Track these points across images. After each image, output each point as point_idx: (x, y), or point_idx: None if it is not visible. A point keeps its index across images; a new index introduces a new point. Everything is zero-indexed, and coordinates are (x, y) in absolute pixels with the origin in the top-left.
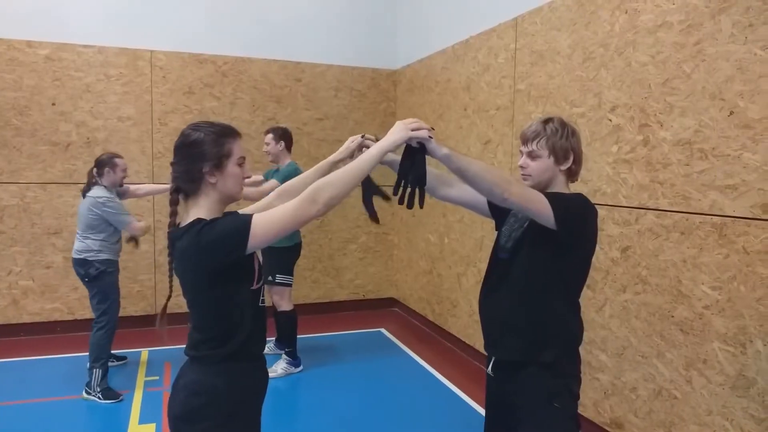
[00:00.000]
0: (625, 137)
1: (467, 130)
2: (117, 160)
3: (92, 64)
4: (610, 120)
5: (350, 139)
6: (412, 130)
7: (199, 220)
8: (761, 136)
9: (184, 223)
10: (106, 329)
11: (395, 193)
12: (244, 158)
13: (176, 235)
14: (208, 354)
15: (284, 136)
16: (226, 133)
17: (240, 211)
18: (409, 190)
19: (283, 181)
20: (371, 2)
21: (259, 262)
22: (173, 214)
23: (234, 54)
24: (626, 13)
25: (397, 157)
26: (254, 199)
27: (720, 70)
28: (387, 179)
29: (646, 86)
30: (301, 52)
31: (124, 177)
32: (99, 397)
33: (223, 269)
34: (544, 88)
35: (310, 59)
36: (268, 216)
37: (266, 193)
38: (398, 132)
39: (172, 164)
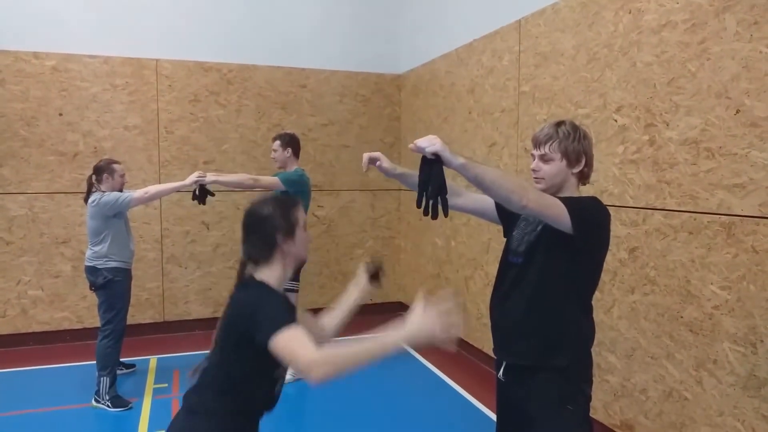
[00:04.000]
0: (631, 137)
1: (472, 133)
2: (115, 165)
3: (98, 74)
4: (616, 120)
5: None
6: (441, 331)
7: (260, 283)
8: None
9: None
10: (111, 338)
11: (419, 206)
12: (306, 221)
13: (239, 285)
14: (207, 403)
15: (291, 142)
16: (291, 203)
17: None
18: (431, 201)
19: (285, 182)
20: (375, 7)
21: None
22: (240, 276)
23: (239, 61)
24: (630, 13)
25: (406, 170)
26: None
27: (725, 68)
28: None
29: (651, 86)
30: (306, 58)
31: (123, 183)
32: (108, 405)
33: (250, 342)
34: (549, 90)
35: (314, 65)
36: (284, 340)
37: (268, 186)
38: (425, 332)
39: (244, 241)
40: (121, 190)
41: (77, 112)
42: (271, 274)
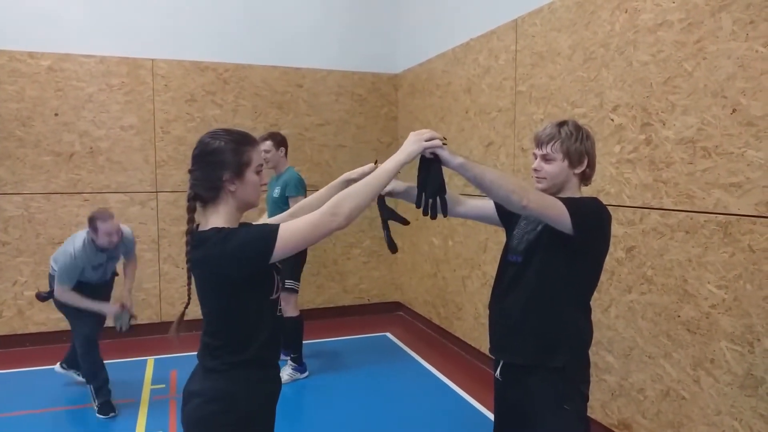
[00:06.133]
0: (628, 137)
1: (469, 133)
2: (100, 224)
3: (94, 74)
4: (612, 120)
5: (368, 165)
6: (426, 141)
7: (219, 229)
8: (764, 134)
9: (203, 228)
10: (83, 345)
11: (418, 206)
12: (262, 165)
13: (195, 242)
14: (224, 361)
15: (283, 142)
16: (245, 141)
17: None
18: (430, 201)
19: (284, 188)
20: (371, 7)
21: (277, 271)
22: (191, 221)
23: (235, 61)
24: (626, 12)
25: (409, 184)
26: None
27: (721, 67)
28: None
29: (647, 85)
30: (302, 57)
31: (107, 244)
32: (96, 408)
33: (245, 278)
34: (546, 89)
35: (310, 65)
36: (291, 227)
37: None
38: (413, 144)
39: (190, 172)
40: (104, 249)
41: (73, 112)
42: (218, 219)
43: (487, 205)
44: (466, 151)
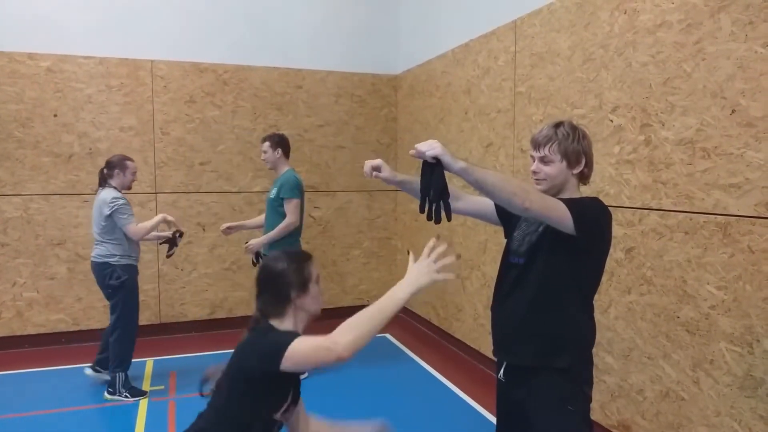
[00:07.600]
0: (627, 138)
1: (468, 134)
2: (128, 162)
3: (93, 75)
4: (612, 121)
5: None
6: (437, 271)
7: (271, 326)
8: (764, 134)
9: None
10: (129, 331)
11: (422, 211)
12: (319, 275)
13: (250, 326)
14: None
15: (281, 143)
16: (303, 258)
17: None
18: (434, 206)
19: (280, 189)
20: (371, 8)
21: (295, 394)
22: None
23: (234, 62)
24: (625, 13)
25: (405, 177)
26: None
27: (721, 68)
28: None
29: (646, 86)
30: (302, 58)
31: (133, 180)
32: (127, 396)
33: (257, 377)
34: (545, 90)
35: (310, 66)
36: (300, 344)
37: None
38: (424, 275)
39: (257, 296)
40: (130, 188)
41: (72, 113)
42: (280, 325)
43: (486, 201)
44: (465, 152)
